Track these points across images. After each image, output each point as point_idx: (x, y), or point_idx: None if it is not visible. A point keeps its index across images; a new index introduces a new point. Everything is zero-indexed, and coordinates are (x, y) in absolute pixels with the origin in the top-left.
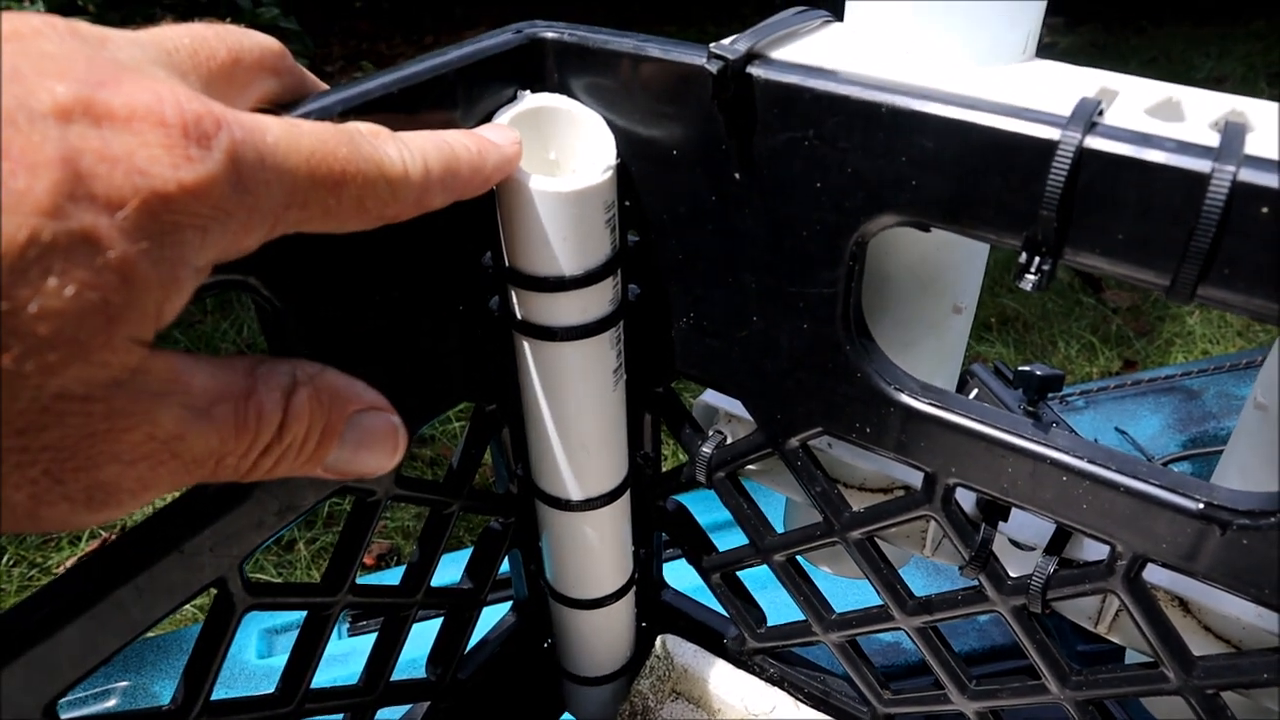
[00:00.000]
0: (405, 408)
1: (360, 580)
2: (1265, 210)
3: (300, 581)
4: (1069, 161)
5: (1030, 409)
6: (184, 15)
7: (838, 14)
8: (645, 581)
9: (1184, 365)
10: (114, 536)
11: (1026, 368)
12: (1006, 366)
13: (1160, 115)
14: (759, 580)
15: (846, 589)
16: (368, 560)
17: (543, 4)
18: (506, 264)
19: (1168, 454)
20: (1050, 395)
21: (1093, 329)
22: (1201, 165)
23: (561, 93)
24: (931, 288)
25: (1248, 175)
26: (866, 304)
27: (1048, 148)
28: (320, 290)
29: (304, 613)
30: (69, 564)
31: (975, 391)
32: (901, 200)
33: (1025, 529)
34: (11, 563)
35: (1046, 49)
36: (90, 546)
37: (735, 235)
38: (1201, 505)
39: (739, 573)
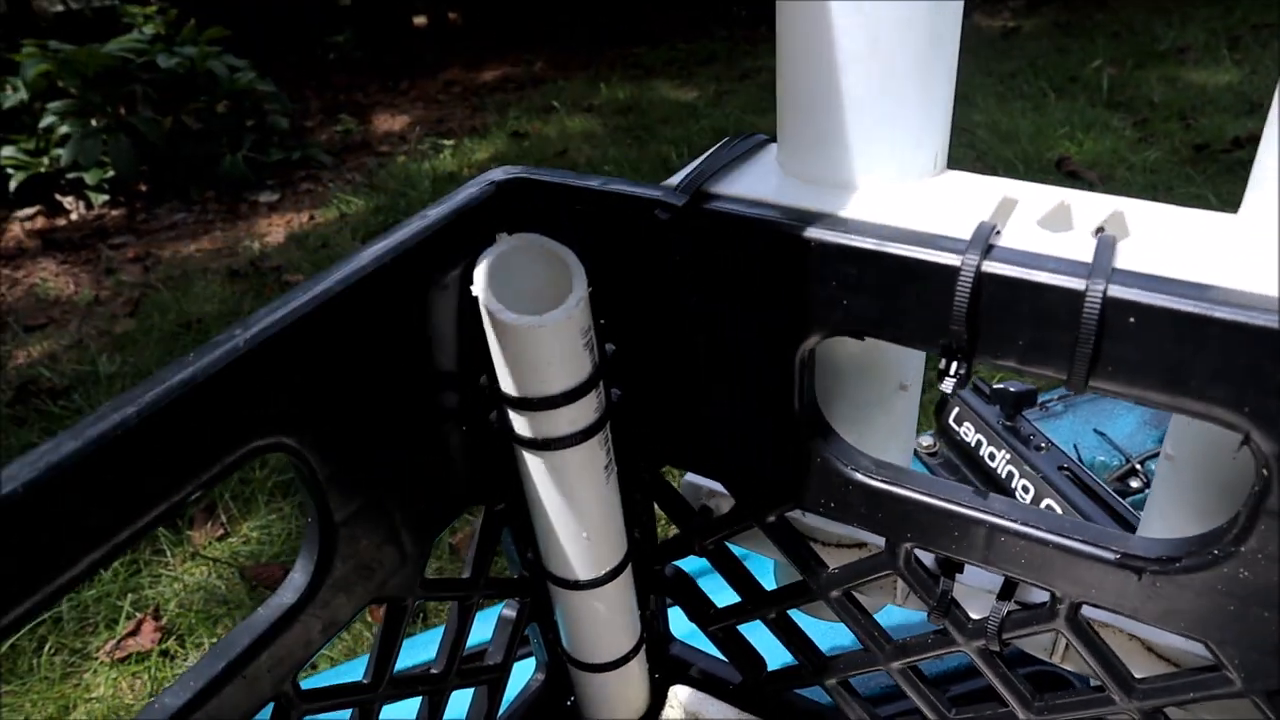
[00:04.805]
0: (424, 517)
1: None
2: (1133, 320)
3: (346, 683)
4: (970, 283)
5: (1008, 423)
6: (162, 89)
7: None
8: (654, 638)
9: None
10: (148, 617)
11: (1001, 385)
12: (985, 383)
13: (1051, 225)
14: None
15: (837, 629)
16: None
17: (514, 41)
18: (499, 387)
19: (1144, 451)
20: (1025, 408)
21: None
22: (1077, 284)
23: (535, 230)
24: (877, 372)
25: (1116, 290)
26: (822, 389)
27: (952, 272)
28: (345, 436)
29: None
30: (108, 648)
31: (956, 410)
32: (835, 317)
33: (980, 577)
34: (53, 651)
35: (1010, 34)
36: (127, 628)
37: (699, 345)
38: (1118, 555)
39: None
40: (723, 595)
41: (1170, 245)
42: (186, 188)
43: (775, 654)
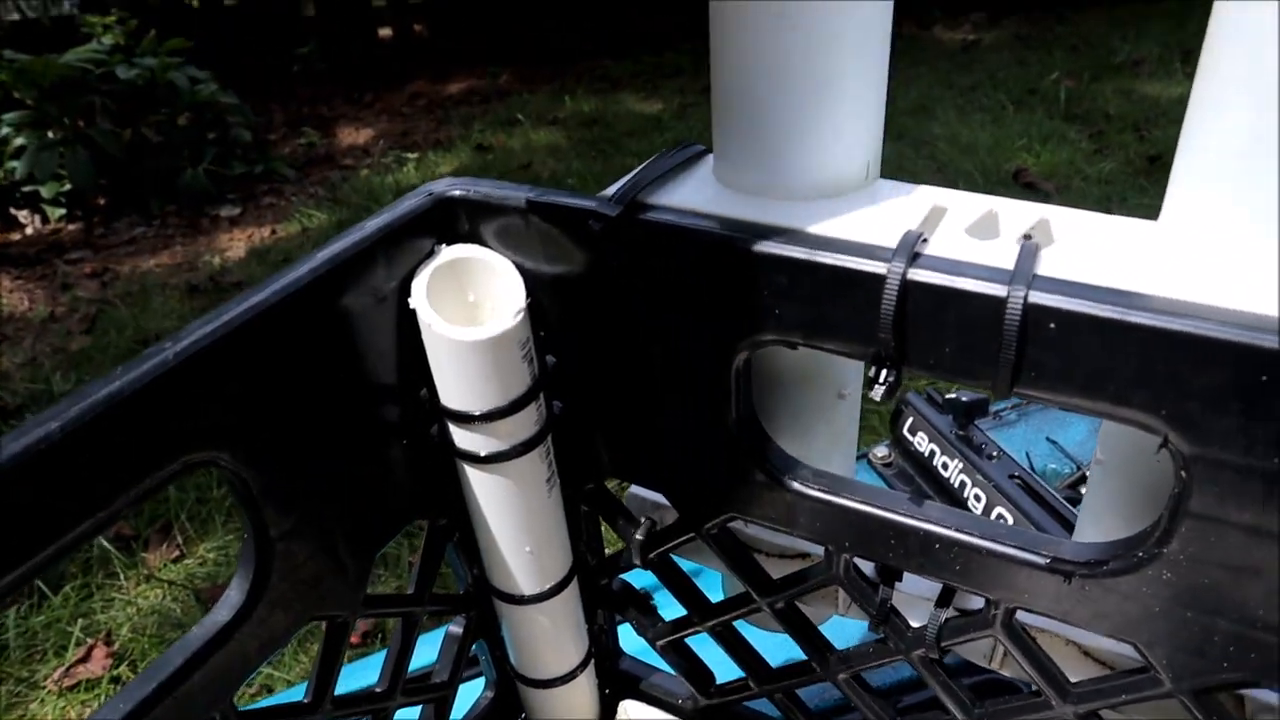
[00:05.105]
0: (365, 533)
1: (347, 661)
2: (1053, 326)
3: (284, 704)
4: (896, 291)
5: (961, 433)
6: (121, 101)
7: None
8: (602, 653)
9: None
10: (99, 643)
11: (954, 395)
12: (938, 393)
13: (978, 233)
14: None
15: (784, 641)
16: (354, 639)
17: (479, 53)
18: (439, 400)
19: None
20: (977, 417)
21: None
22: (999, 290)
23: (474, 242)
24: (816, 381)
25: (1037, 297)
26: (763, 399)
27: (878, 280)
28: (281, 450)
29: None
30: (57, 676)
31: (910, 420)
32: (768, 325)
33: (919, 584)
34: None
35: (970, 47)
36: (77, 654)
37: (637, 355)
38: (1048, 560)
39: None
40: (674, 610)
41: (1092, 252)
42: (146, 201)
43: (727, 668)
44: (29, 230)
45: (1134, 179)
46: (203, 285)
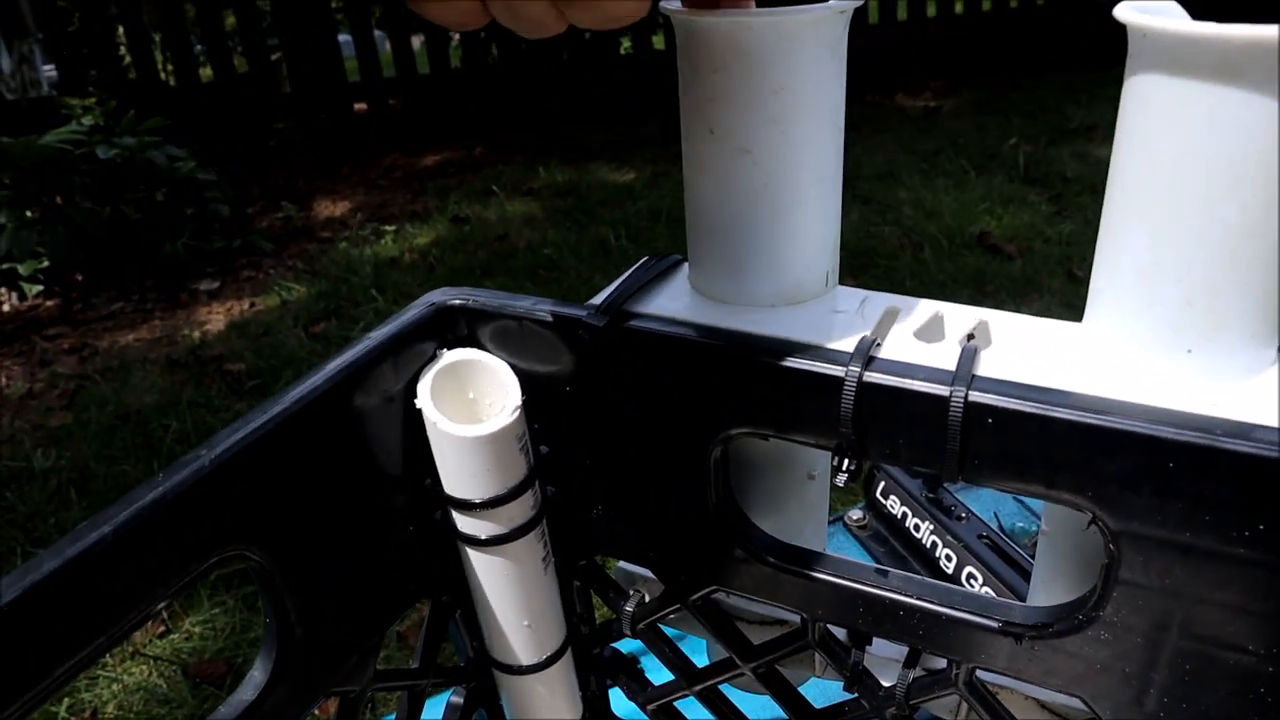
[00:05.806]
0: (375, 612)
1: None
2: (990, 420)
3: None
4: (854, 391)
5: (931, 495)
6: (100, 179)
7: None
8: (596, 718)
9: None
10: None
11: None
12: None
13: (925, 336)
14: None
15: (766, 702)
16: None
17: (453, 126)
18: (443, 489)
19: None
20: (945, 482)
21: None
22: (943, 390)
23: (473, 346)
24: (788, 465)
25: (976, 396)
26: (740, 482)
27: (838, 382)
28: (304, 543)
29: None
30: None
31: (882, 484)
32: (742, 420)
33: (889, 647)
34: None
35: (931, 113)
36: None
37: (623, 446)
38: (1000, 624)
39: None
40: (661, 674)
41: (1025, 352)
42: (125, 277)
43: None
44: (5, 307)
45: (1092, 240)
46: (183, 359)
